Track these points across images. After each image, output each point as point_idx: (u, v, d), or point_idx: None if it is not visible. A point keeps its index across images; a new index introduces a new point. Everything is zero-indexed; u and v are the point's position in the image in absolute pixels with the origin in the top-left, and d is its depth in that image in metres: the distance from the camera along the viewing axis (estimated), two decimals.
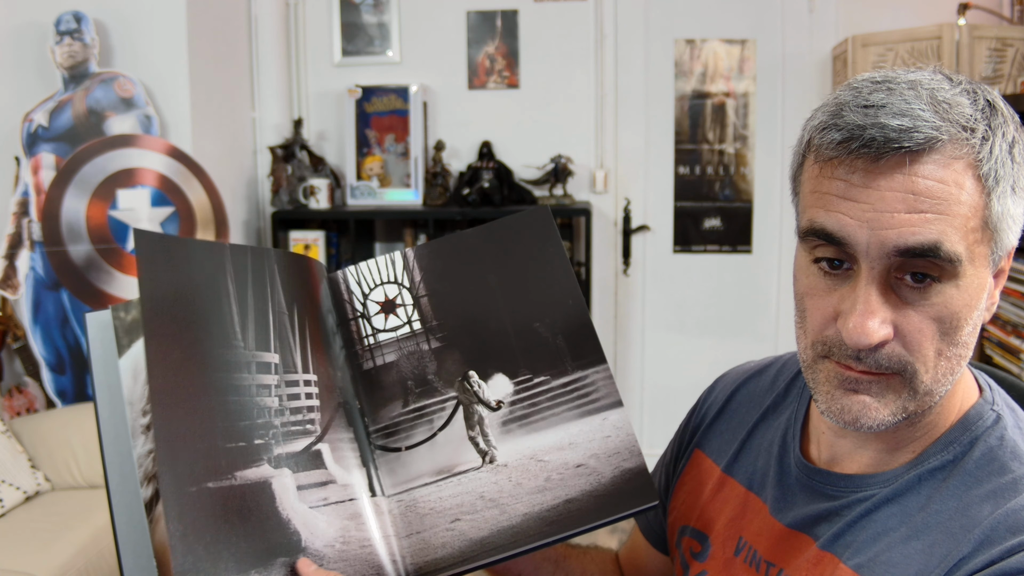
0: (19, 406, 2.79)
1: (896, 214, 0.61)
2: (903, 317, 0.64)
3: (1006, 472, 0.66)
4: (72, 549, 2.14)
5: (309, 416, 0.78)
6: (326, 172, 3.39)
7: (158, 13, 2.83)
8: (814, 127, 0.67)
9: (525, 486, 0.80)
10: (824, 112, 0.66)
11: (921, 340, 0.64)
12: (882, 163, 0.62)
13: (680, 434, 0.98)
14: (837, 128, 0.64)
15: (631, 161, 3.45)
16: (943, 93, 0.63)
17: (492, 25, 3.41)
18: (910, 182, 0.61)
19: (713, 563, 0.84)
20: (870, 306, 0.63)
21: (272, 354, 0.78)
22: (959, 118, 0.62)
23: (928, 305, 0.63)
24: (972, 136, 0.62)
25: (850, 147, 0.63)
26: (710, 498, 0.88)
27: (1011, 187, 0.64)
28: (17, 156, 2.78)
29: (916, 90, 0.62)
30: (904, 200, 0.61)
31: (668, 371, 3.54)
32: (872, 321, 0.63)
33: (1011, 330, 2.21)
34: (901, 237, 0.61)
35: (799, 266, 0.70)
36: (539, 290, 0.87)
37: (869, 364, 0.65)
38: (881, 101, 0.62)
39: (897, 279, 0.64)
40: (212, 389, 0.72)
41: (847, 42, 2.99)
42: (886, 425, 0.66)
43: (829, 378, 0.67)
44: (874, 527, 0.69)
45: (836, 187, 0.64)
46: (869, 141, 0.61)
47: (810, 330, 0.68)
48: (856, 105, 0.63)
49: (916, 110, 0.61)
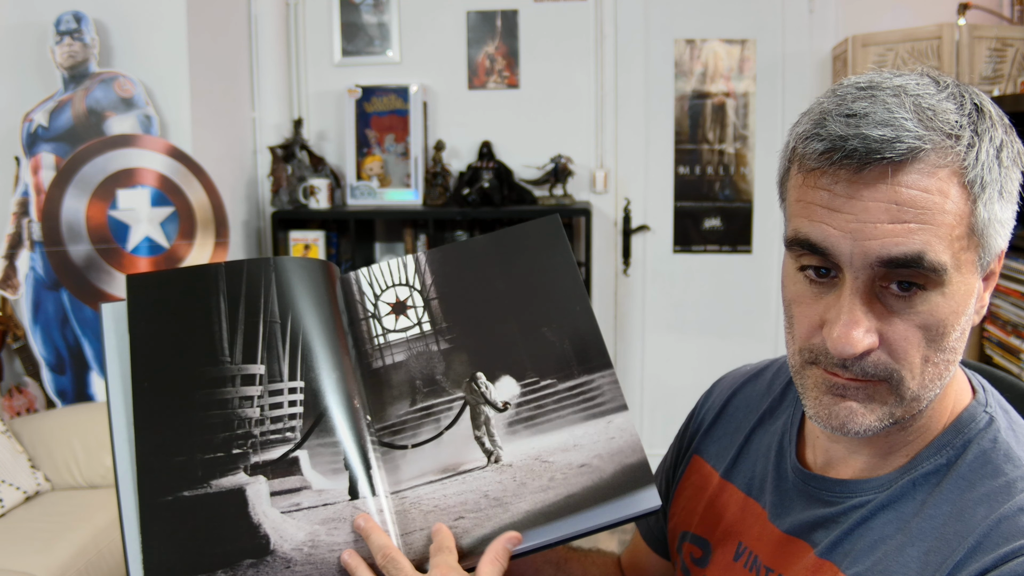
0: (19, 406, 2.80)
1: (879, 224, 0.61)
2: (888, 326, 0.64)
3: (1000, 475, 0.66)
4: (72, 549, 2.14)
5: (290, 424, 0.81)
6: (326, 172, 3.39)
7: (158, 13, 2.83)
8: (798, 135, 0.66)
9: (529, 485, 0.81)
10: (808, 120, 0.66)
11: (907, 348, 0.64)
12: (865, 173, 0.61)
13: (679, 439, 0.98)
14: (819, 138, 0.63)
15: (631, 161, 3.45)
16: (928, 99, 0.62)
17: (492, 25, 3.41)
18: (893, 192, 0.61)
19: (714, 568, 0.84)
20: (854, 316, 0.63)
21: (258, 365, 0.82)
22: (944, 125, 0.61)
23: (914, 313, 0.63)
24: (957, 143, 0.61)
25: (832, 158, 0.62)
26: (710, 504, 0.88)
27: (998, 192, 0.63)
28: (17, 156, 2.78)
29: (900, 97, 0.62)
30: (887, 210, 0.61)
31: (668, 371, 3.54)
32: (856, 331, 0.63)
33: (1011, 330, 2.21)
34: (884, 248, 0.61)
35: (786, 273, 0.70)
36: (547, 296, 0.89)
37: (855, 372, 0.65)
38: (864, 110, 0.62)
39: (882, 288, 0.63)
40: (196, 406, 0.79)
41: (847, 42, 2.99)
42: (874, 431, 0.66)
43: (817, 384, 0.68)
44: (871, 535, 0.69)
45: (820, 197, 0.64)
46: (851, 152, 0.61)
47: (797, 337, 0.69)
48: (839, 114, 0.63)
49: (899, 119, 0.61)
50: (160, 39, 2.84)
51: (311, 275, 0.87)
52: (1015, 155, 0.65)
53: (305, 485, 0.79)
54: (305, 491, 0.79)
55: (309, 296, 0.85)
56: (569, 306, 0.88)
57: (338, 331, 0.86)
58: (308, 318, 0.84)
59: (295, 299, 0.84)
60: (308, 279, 0.86)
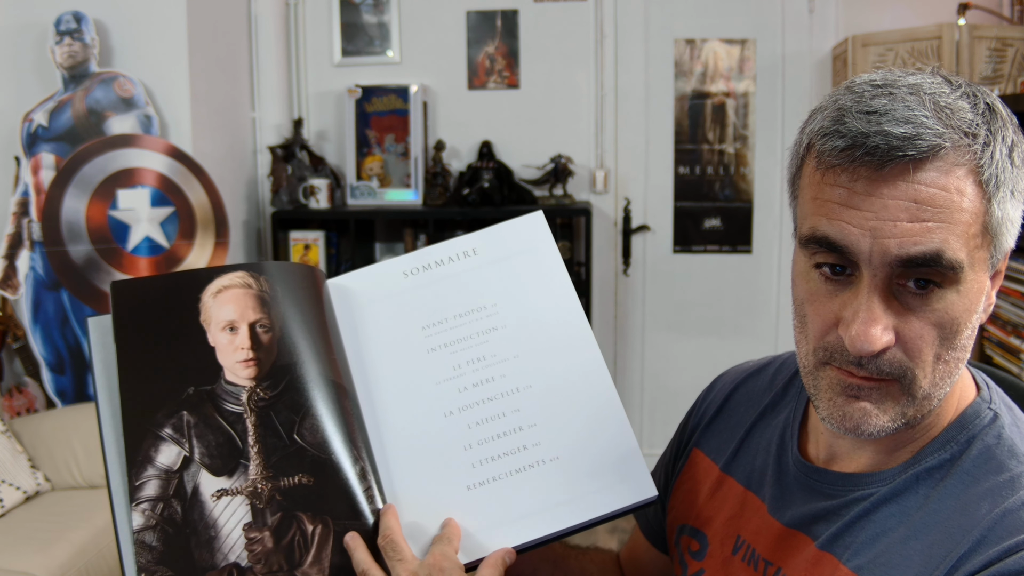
0: (19, 406, 2.79)
1: (899, 223, 0.61)
2: (904, 323, 0.64)
3: (1004, 470, 0.66)
4: (72, 549, 2.14)
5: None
6: (326, 172, 3.39)
7: (158, 13, 2.83)
8: (814, 132, 0.66)
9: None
10: (825, 117, 0.65)
11: (922, 346, 0.64)
12: (885, 171, 0.61)
13: (679, 434, 0.98)
14: (840, 135, 0.63)
15: (631, 161, 3.45)
16: (945, 98, 0.62)
17: (492, 25, 3.41)
18: (913, 190, 0.61)
19: (711, 561, 0.84)
20: (873, 313, 0.63)
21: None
22: (961, 124, 0.61)
23: (930, 311, 0.63)
24: (974, 142, 0.62)
25: (853, 155, 0.62)
26: (708, 497, 0.88)
27: (1011, 191, 0.64)
28: (17, 156, 2.78)
29: (918, 95, 0.62)
30: (907, 208, 0.61)
31: (668, 371, 3.54)
32: (875, 328, 0.62)
33: (1011, 330, 2.21)
34: (903, 247, 0.61)
35: (798, 271, 0.70)
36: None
37: (870, 370, 0.65)
38: (884, 107, 0.62)
39: (899, 285, 0.63)
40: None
41: (847, 42, 2.99)
42: (887, 432, 0.66)
43: (831, 385, 0.67)
44: (873, 527, 0.69)
45: (838, 195, 0.64)
46: (873, 149, 0.61)
47: (811, 336, 0.68)
48: (858, 111, 0.63)
49: (919, 117, 0.61)
50: (160, 39, 2.84)
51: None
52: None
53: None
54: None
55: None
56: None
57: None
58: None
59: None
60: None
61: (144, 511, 0.75)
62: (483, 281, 0.91)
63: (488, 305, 0.89)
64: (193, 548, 0.74)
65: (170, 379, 0.80)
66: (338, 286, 0.90)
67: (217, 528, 0.74)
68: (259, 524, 0.75)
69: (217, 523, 0.75)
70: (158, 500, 0.75)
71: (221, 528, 0.75)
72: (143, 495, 0.75)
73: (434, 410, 0.84)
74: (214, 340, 0.81)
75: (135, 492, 0.75)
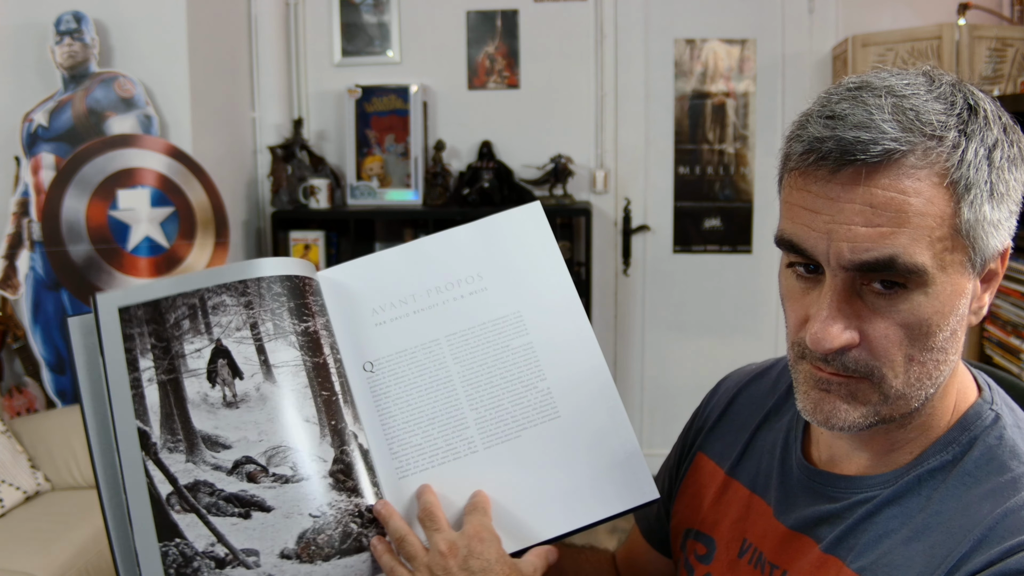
0: (19, 406, 2.79)
1: (853, 227, 0.62)
2: (868, 323, 0.64)
3: (1005, 471, 0.66)
4: (72, 549, 2.14)
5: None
6: (326, 172, 3.39)
7: (158, 13, 2.83)
8: (785, 136, 0.68)
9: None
10: (794, 122, 0.68)
11: (887, 346, 0.64)
12: (840, 175, 0.62)
13: (683, 438, 0.99)
14: (800, 140, 0.65)
15: (631, 161, 3.45)
16: (913, 100, 0.62)
17: (492, 25, 3.41)
18: (868, 194, 0.61)
19: (718, 565, 0.84)
20: (831, 312, 0.64)
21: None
22: (925, 127, 0.61)
23: (895, 312, 0.64)
24: (940, 144, 0.61)
25: (809, 159, 0.64)
26: (714, 501, 0.88)
27: (988, 192, 0.63)
28: (17, 156, 2.78)
29: (883, 99, 0.62)
30: (861, 212, 0.62)
31: (668, 371, 3.54)
32: (833, 327, 0.64)
33: (1011, 330, 2.21)
34: (855, 252, 0.62)
35: (780, 270, 0.72)
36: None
37: (836, 366, 0.66)
38: (843, 112, 0.63)
39: (864, 285, 0.64)
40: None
41: (847, 42, 2.99)
42: (858, 427, 0.67)
43: (806, 378, 0.69)
44: (876, 529, 0.69)
45: (801, 198, 0.65)
46: (827, 153, 0.62)
47: (789, 331, 0.71)
48: (820, 116, 0.64)
49: (876, 121, 0.61)
50: (160, 39, 2.84)
51: (288, 293, 0.85)
52: (1014, 155, 0.65)
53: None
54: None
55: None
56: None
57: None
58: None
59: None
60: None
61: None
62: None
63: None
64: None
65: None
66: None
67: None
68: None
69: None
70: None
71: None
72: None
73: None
74: None
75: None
